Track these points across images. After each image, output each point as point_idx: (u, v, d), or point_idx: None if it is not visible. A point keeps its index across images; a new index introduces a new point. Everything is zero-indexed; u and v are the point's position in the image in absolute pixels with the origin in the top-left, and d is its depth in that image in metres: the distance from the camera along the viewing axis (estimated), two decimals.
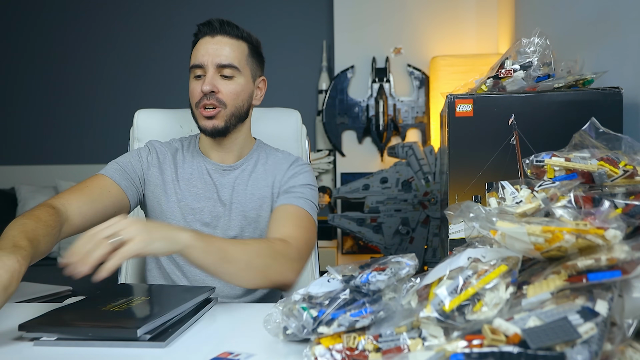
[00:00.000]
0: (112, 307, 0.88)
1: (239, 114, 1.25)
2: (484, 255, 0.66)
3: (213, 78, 1.21)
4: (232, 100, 1.22)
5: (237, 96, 1.23)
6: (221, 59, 1.21)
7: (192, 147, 1.32)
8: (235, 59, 1.22)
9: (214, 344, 0.79)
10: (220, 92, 1.21)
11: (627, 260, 0.55)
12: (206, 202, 1.25)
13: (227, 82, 1.22)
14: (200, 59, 1.21)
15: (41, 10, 3.41)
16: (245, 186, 1.27)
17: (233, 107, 1.23)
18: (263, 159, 1.32)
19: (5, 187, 3.21)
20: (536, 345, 0.49)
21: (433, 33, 2.97)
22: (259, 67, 1.31)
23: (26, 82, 3.43)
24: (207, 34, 1.23)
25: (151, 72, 3.33)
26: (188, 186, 1.26)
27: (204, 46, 1.22)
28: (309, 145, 1.55)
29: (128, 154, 1.29)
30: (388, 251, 2.61)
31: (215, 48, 1.21)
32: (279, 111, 1.55)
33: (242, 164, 1.29)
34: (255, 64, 1.29)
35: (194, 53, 1.24)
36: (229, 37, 1.23)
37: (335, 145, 3.01)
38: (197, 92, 1.21)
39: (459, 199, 1.20)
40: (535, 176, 0.83)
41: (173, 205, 1.25)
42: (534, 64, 1.20)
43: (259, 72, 1.31)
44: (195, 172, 1.28)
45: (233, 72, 1.22)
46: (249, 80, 1.26)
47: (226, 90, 1.21)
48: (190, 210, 1.25)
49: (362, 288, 0.71)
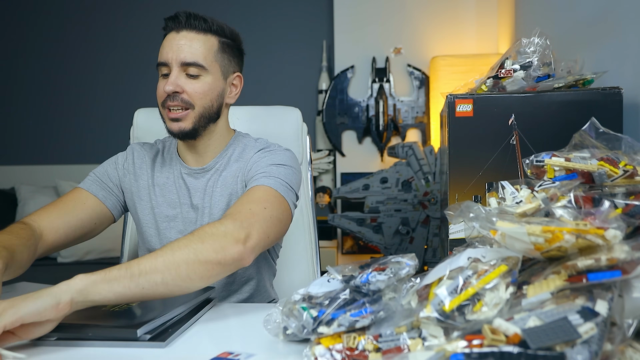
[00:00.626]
0: (112, 307, 0.88)
1: (208, 114, 1.16)
2: (484, 255, 0.66)
3: (177, 77, 1.12)
4: (199, 100, 1.13)
5: (203, 96, 1.14)
6: (185, 57, 1.12)
7: (171, 150, 1.26)
8: (200, 56, 1.13)
9: (214, 344, 0.79)
10: (184, 92, 1.13)
11: (627, 260, 0.55)
12: (180, 208, 1.20)
13: (192, 82, 1.13)
14: (165, 56, 1.13)
15: (41, 9, 3.41)
16: (215, 187, 1.19)
17: (201, 107, 1.14)
18: (238, 153, 1.22)
19: (5, 187, 3.21)
20: (536, 345, 0.49)
21: (433, 33, 2.97)
22: (233, 63, 1.21)
23: (26, 82, 3.43)
24: (172, 29, 1.15)
25: (151, 71, 3.33)
26: (163, 192, 1.21)
27: (169, 42, 1.14)
28: (310, 143, 1.55)
29: (106, 162, 1.25)
30: (388, 251, 2.61)
31: (180, 44, 1.12)
32: (280, 109, 1.55)
33: (215, 164, 1.21)
34: (227, 59, 1.19)
35: (160, 49, 1.16)
36: (196, 31, 1.14)
37: (335, 145, 3.01)
38: (161, 92, 1.14)
39: (459, 199, 1.20)
40: (535, 176, 0.83)
41: (147, 213, 1.21)
42: (534, 64, 1.20)
43: (233, 68, 1.21)
44: (170, 177, 1.22)
45: (199, 71, 1.13)
46: (218, 77, 1.17)
47: (191, 89, 1.13)
48: (164, 218, 1.20)
49: (362, 288, 0.71)
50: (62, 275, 1.35)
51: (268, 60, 3.21)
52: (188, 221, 1.20)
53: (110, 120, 3.34)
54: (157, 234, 1.21)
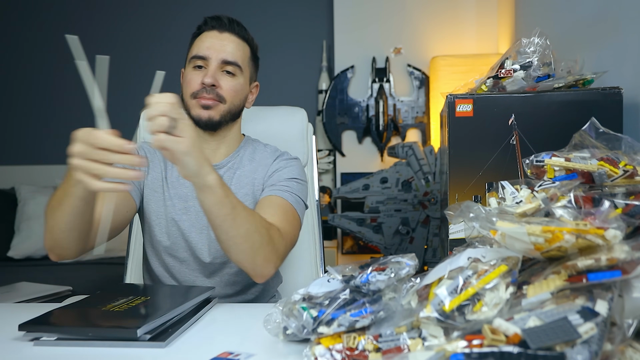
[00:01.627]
0: (112, 307, 0.88)
1: (235, 111, 1.24)
2: (484, 255, 0.66)
3: (215, 72, 1.20)
4: (231, 97, 1.22)
5: (236, 94, 1.23)
6: (227, 56, 1.21)
7: None
8: (239, 58, 1.23)
9: (214, 344, 0.79)
10: (220, 87, 1.20)
11: (627, 260, 0.55)
12: (193, 201, 1.22)
13: (229, 78, 1.21)
14: (205, 51, 1.20)
15: (41, 9, 3.41)
16: (230, 184, 1.23)
17: (231, 104, 1.22)
18: (250, 154, 1.29)
19: (5, 187, 3.20)
20: (536, 345, 0.49)
21: (433, 33, 2.97)
22: (255, 72, 1.32)
23: (26, 82, 3.42)
24: (214, 28, 1.23)
25: (152, 71, 3.32)
26: (175, 185, 1.25)
27: (210, 39, 1.21)
28: (315, 143, 1.55)
29: None
30: (388, 251, 2.61)
31: (222, 44, 1.21)
32: (285, 109, 1.55)
33: (228, 162, 1.27)
34: (253, 67, 1.30)
35: (197, 44, 1.23)
36: (236, 36, 1.24)
37: (335, 145, 3.01)
38: (196, 83, 1.19)
39: (459, 199, 1.20)
40: (535, 176, 0.83)
41: (160, 205, 1.24)
42: (534, 64, 1.20)
43: (254, 76, 1.32)
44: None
45: (235, 70, 1.22)
46: (247, 81, 1.27)
47: (227, 86, 1.21)
48: (176, 211, 1.23)
49: (362, 288, 0.71)
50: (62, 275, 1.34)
51: (268, 60, 3.20)
52: (200, 214, 1.21)
53: (112, 121, 3.33)
54: (166, 227, 1.23)
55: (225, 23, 1.23)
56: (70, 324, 0.83)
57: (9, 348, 0.78)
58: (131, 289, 1.08)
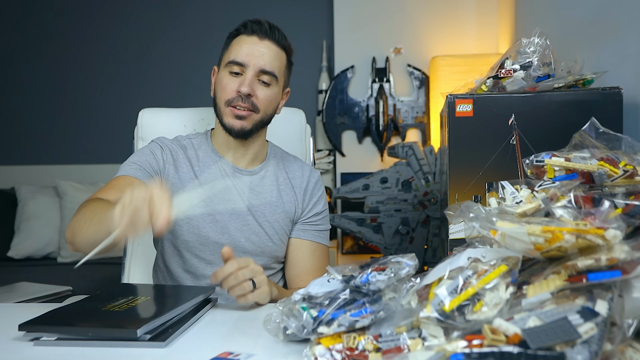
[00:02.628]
0: (112, 307, 0.88)
1: (267, 120, 1.24)
2: (484, 255, 0.66)
3: (252, 81, 1.18)
4: (264, 107, 1.21)
5: (270, 103, 1.22)
6: (265, 65, 1.19)
7: (205, 146, 1.28)
8: (276, 68, 1.21)
9: (214, 344, 0.79)
10: (256, 97, 1.19)
11: (627, 260, 0.55)
12: (225, 204, 1.22)
13: (264, 88, 1.20)
14: (244, 57, 1.18)
15: (41, 8, 3.40)
16: (269, 195, 1.26)
17: (264, 113, 1.22)
18: (280, 166, 1.31)
19: (5, 187, 3.20)
20: (536, 345, 0.49)
21: (433, 33, 2.97)
22: (289, 79, 1.31)
23: (26, 81, 3.42)
24: (255, 33, 1.20)
25: (153, 71, 3.32)
26: (207, 185, 1.23)
27: (250, 46, 1.19)
28: (313, 144, 1.55)
29: (140, 152, 1.24)
30: (388, 251, 2.61)
31: (262, 52, 1.19)
32: (283, 110, 1.55)
33: (261, 170, 1.28)
34: (288, 75, 1.28)
35: (236, 48, 1.20)
36: (276, 44, 1.21)
37: (335, 145, 3.01)
38: (231, 90, 1.18)
39: (459, 199, 1.20)
40: (535, 176, 0.83)
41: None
42: (534, 64, 1.20)
43: (288, 83, 1.31)
44: (213, 171, 1.25)
45: (271, 80, 1.20)
46: (281, 90, 1.26)
47: (262, 95, 1.20)
48: (211, 210, 1.22)
49: (362, 288, 0.71)
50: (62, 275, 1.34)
51: None
52: (234, 214, 1.23)
53: (110, 120, 3.33)
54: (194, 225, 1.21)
55: (267, 29, 1.21)
56: (70, 324, 0.83)
57: (9, 348, 0.78)
58: (131, 289, 1.08)
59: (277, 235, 1.25)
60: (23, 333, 0.81)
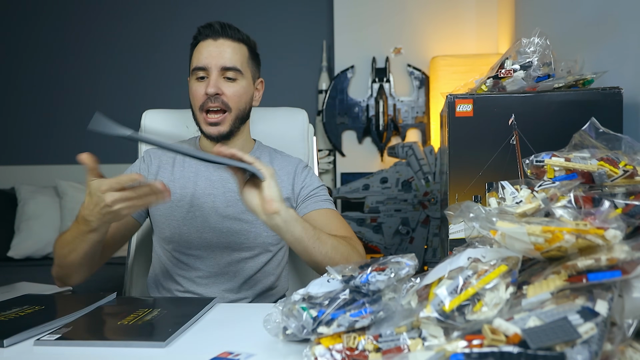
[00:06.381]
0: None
1: (242, 116, 1.26)
2: (484, 255, 0.66)
3: (217, 80, 1.21)
4: (235, 103, 1.23)
5: (240, 98, 1.24)
6: (225, 62, 1.22)
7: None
8: (238, 62, 1.23)
9: (214, 344, 0.79)
10: (224, 94, 1.22)
11: (627, 260, 0.55)
12: (205, 198, 1.26)
13: (230, 84, 1.23)
14: (204, 61, 1.21)
15: (42, 8, 3.40)
16: None
17: (237, 109, 1.24)
18: (266, 159, 1.33)
19: (5, 187, 3.20)
20: (536, 345, 0.49)
21: (433, 33, 2.97)
22: (257, 69, 1.33)
23: (27, 81, 3.42)
24: (209, 37, 1.23)
25: (157, 72, 3.32)
26: (189, 184, 1.27)
27: (207, 49, 1.22)
28: (316, 144, 1.56)
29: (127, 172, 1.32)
30: (388, 251, 2.61)
31: (219, 51, 1.22)
32: (286, 110, 1.55)
33: None
34: (254, 65, 1.30)
35: (196, 55, 1.24)
36: (231, 40, 1.24)
37: (335, 145, 3.01)
38: (200, 94, 1.21)
39: (459, 199, 1.20)
40: (535, 176, 0.83)
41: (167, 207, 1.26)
42: (534, 64, 1.20)
43: (257, 74, 1.33)
44: (200, 170, 1.29)
45: (236, 75, 1.23)
46: (250, 82, 1.28)
47: (230, 92, 1.22)
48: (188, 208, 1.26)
49: (362, 288, 0.71)
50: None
51: (268, 60, 3.20)
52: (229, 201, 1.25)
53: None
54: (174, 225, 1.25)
55: (218, 29, 1.23)
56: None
57: (9, 348, 0.78)
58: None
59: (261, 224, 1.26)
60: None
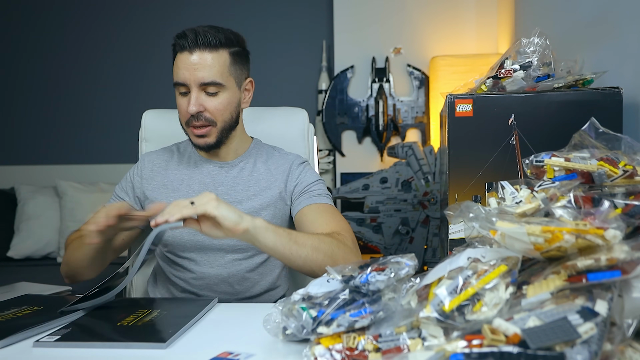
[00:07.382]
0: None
1: (229, 125, 1.23)
2: (484, 255, 0.66)
3: (198, 97, 1.17)
4: (220, 116, 1.20)
5: (224, 110, 1.20)
6: (203, 77, 1.15)
7: (190, 148, 1.33)
8: (217, 74, 1.16)
9: (214, 344, 0.79)
10: (206, 110, 1.18)
11: (627, 260, 0.55)
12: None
13: (212, 99, 1.18)
14: (182, 77, 1.17)
15: (42, 8, 3.40)
16: (246, 186, 1.26)
17: (222, 121, 1.21)
18: (262, 158, 1.31)
19: (5, 187, 3.20)
20: (536, 345, 0.49)
21: (433, 33, 2.97)
22: (244, 69, 1.25)
23: (27, 81, 3.42)
24: (184, 49, 1.16)
25: (157, 72, 3.31)
26: (179, 188, 1.27)
27: (184, 63, 1.16)
28: (316, 144, 1.56)
29: (123, 179, 1.33)
30: (388, 251, 2.61)
31: (196, 65, 1.15)
32: (286, 110, 1.55)
33: (240, 162, 1.29)
34: (239, 68, 1.22)
35: (175, 69, 1.19)
36: (208, 49, 1.16)
37: (335, 145, 3.01)
38: (184, 112, 1.19)
39: (458, 199, 1.20)
40: (535, 176, 0.83)
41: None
42: (533, 64, 1.20)
43: (245, 75, 1.26)
44: (194, 173, 1.28)
45: (217, 88, 1.17)
46: (234, 89, 1.22)
47: (212, 107, 1.18)
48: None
49: (362, 288, 0.71)
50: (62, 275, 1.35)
51: (268, 60, 3.21)
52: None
53: (112, 121, 3.33)
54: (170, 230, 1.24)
55: (193, 40, 1.15)
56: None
57: (9, 348, 0.78)
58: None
59: None
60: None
